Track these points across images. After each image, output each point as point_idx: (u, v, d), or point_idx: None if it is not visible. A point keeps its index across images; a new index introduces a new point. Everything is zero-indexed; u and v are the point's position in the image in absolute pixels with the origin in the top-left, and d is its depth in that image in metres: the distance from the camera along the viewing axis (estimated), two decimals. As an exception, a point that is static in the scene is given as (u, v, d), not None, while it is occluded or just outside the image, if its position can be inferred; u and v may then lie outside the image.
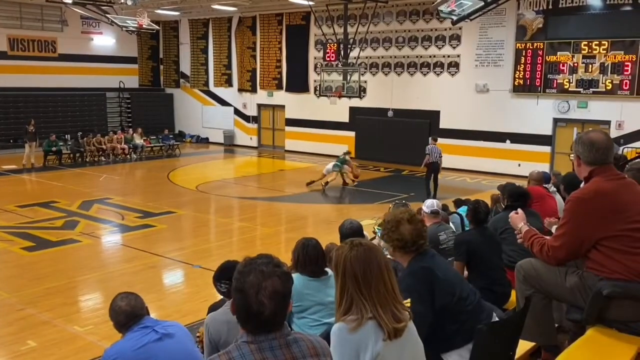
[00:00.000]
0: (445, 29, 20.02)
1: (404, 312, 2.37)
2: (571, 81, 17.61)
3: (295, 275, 3.85)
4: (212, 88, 27.50)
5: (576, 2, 17.33)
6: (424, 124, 20.76)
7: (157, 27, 24.04)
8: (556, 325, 3.72)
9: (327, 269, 4.02)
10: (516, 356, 3.12)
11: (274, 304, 1.90)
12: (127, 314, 3.20)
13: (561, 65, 17.73)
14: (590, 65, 17.20)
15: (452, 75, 20.30)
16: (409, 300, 2.86)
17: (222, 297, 3.94)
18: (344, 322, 2.32)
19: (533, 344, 3.50)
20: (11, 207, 13.75)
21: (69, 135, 22.30)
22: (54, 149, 20.84)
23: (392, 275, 2.40)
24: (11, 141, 22.08)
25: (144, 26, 21.72)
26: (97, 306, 8.64)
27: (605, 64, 16.95)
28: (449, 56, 20.34)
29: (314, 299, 3.79)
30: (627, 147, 16.08)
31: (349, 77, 19.60)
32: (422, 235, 3.03)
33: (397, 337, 2.30)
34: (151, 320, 3.25)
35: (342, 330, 2.29)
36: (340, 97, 20.20)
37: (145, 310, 3.30)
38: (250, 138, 26.48)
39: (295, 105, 24.52)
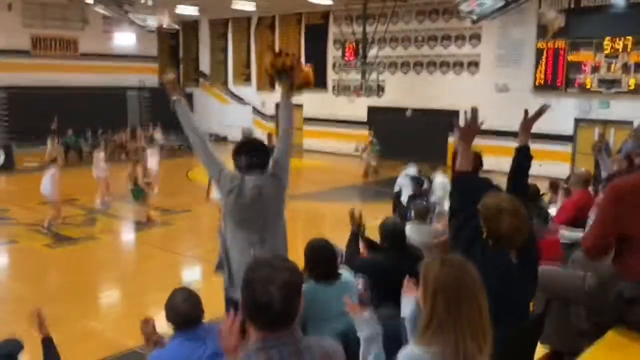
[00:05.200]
0: (465, 28, 19.87)
1: (488, 340, 2.14)
2: (593, 80, 17.38)
3: (309, 283, 3.75)
4: (231, 87, 27.61)
5: (598, 1, 17.09)
6: (443, 123, 20.63)
7: (177, 27, 24.20)
8: (576, 329, 3.67)
9: (340, 272, 3.92)
10: (535, 360, 3.08)
11: (284, 295, 1.86)
12: (185, 317, 3.09)
13: (583, 64, 17.50)
14: (613, 65, 16.96)
15: (472, 74, 20.15)
16: None
17: None
18: (426, 351, 2.11)
19: (552, 348, 3.45)
20: (32, 203, 13.91)
21: (89, 133, 22.53)
22: (76, 145, 21.11)
23: (485, 298, 2.16)
24: (33, 138, 22.34)
25: (164, 25, 21.86)
26: (116, 303, 8.74)
27: (628, 63, 16.70)
28: (468, 55, 20.19)
29: (327, 305, 3.69)
30: (650, 148, 15.83)
31: (367, 76, 19.55)
32: (522, 231, 2.74)
33: None
34: (204, 328, 3.12)
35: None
36: (358, 95, 20.15)
37: (202, 313, 3.17)
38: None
39: (314, 103, 24.50)
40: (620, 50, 16.73)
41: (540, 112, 3.32)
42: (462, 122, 2.96)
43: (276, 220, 3.98)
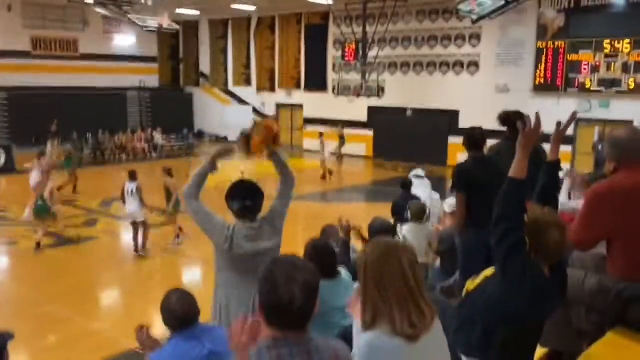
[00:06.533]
0: (465, 28, 19.88)
1: (425, 315, 2.21)
2: (593, 80, 17.38)
3: None
4: (230, 87, 27.61)
5: (598, 1, 17.10)
6: (443, 123, 20.65)
7: (177, 27, 24.23)
8: (575, 329, 3.68)
9: (339, 269, 3.97)
10: (534, 361, 3.08)
11: (305, 296, 1.86)
12: (181, 317, 3.06)
13: (583, 64, 17.50)
14: (613, 64, 16.96)
15: (472, 74, 20.15)
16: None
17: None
18: (381, 333, 2.17)
19: (551, 348, 3.46)
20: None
21: (89, 134, 22.54)
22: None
23: (416, 274, 2.24)
24: (34, 140, 22.33)
25: (164, 26, 21.87)
26: (117, 303, 8.76)
27: (628, 63, 16.70)
28: (468, 55, 20.20)
29: (328, 300, 3.75)
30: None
31: (367, 76, 19.56)
32: (565, 247, 2.75)
33: (411, 341, 2.16)
34: (201, 328, 3.11)
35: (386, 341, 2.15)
36: (358, 96, 20.16)
37: (198, 313, 3.15)
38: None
39: (314, 104, 24.51)
40: (620, 50, 16.72)
41: (571, 120, 3.31)
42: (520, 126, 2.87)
43: None
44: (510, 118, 5.10)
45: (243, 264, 3.80)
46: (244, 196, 3.86)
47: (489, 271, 2.92)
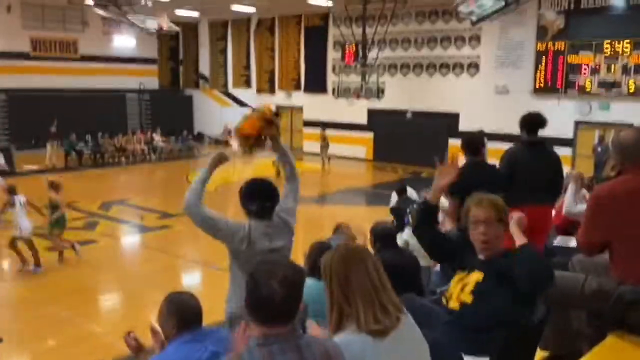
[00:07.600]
0: (465, 30, 19.87)
1: (389, 312, 2.24)
2: (593, 82, 17.37)
3: (313, 280, 3.80)
4: (230, 89, 27.61)
5: (598, 2, 17.09)
6: (443, 125, 20.63)
7: (177, 29, 24.22)
8: (576, 332, 3.66)
9: None
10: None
11: (285, 291, 1.89)
12: (190, 317, 2.97)
13: (583, 66, 17.49)
14: (613, 66, 16.95)
15: (472, 76, 20.15)
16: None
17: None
18: (348, 333, 2.21)
19: (552, 352, 3.44)
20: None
21: (89, 136, 22.55)
22: (77, 148, 21.20)
23: (381, 275, 2.29)
24: (33, 141, 22.35)
25: (164, 28, 21.86)
26: (116, 306, 8.75)
27: (628, 65, 16.68)
28: (468, 57, 20.20)
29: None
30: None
31: (367, 78, 19.55)
32: None
33: (378, 337, 2.19)
34: (203, 330, 3.02)
35: (366, 342, 2.19)
36: (358, 98, 20.16)
37: (200, 314, 3.04)
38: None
39: (313, 106, 24.50)
40: (620, 52, 16.71)
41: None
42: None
43: None
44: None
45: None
46: (264, 197, 3.83)
47: (478, 275, 2.86)
